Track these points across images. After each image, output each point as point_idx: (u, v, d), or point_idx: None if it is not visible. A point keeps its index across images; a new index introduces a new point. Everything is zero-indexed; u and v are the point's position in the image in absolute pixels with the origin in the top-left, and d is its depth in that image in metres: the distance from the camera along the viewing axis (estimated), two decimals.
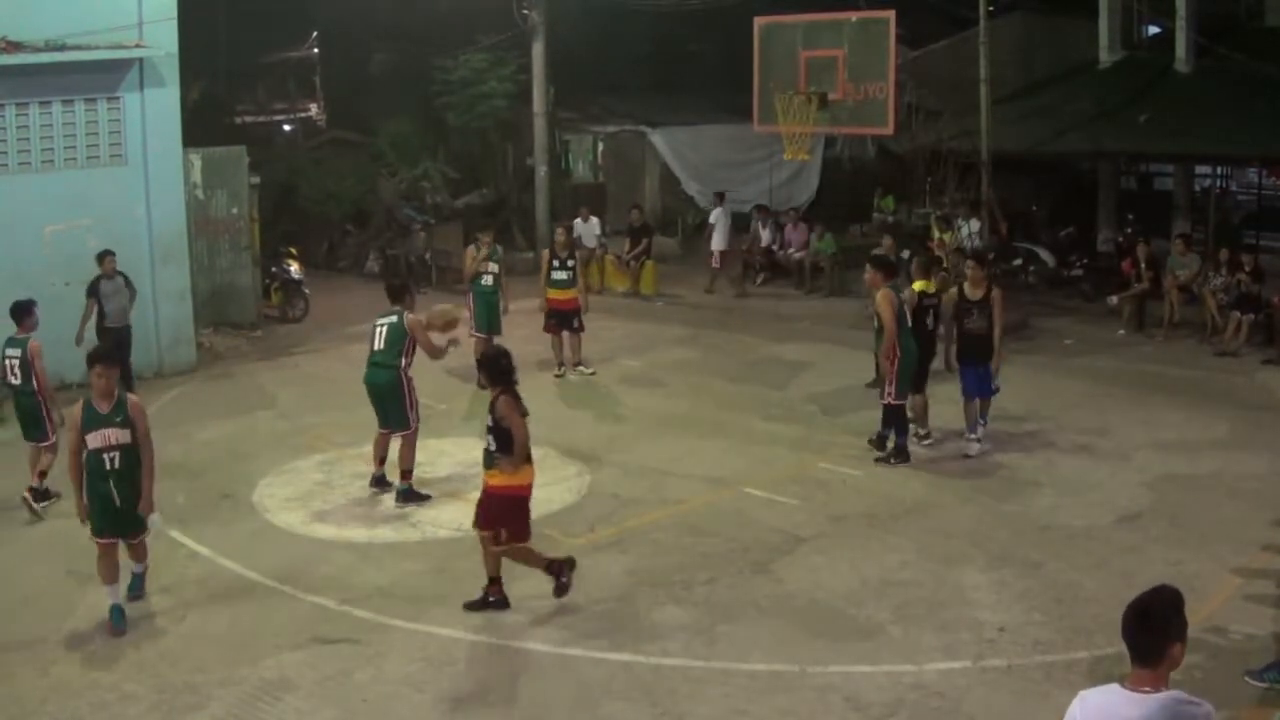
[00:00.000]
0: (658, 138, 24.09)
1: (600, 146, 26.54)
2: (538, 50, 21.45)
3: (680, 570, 8.59)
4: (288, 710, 6.73)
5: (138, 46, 13.78)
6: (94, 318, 12.95)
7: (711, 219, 20.39)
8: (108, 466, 7.63)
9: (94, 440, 7.61)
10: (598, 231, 19.87)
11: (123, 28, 13.64)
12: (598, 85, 24.46)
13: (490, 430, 7.63)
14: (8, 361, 10.07)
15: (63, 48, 13.23)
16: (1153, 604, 3.83)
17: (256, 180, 17.17)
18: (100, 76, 13.70)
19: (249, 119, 26.88)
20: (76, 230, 13.47)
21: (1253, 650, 7.15)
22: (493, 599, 7.85)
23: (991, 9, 17.14)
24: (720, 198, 20.42)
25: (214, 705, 6.78)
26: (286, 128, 27.91)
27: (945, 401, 11.81)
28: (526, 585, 8.36)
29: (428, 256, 20.56)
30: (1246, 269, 15.48)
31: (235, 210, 16.75)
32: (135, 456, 7.72)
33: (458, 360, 13.91)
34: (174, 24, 14.03)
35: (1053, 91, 20.85)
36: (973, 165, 16.44)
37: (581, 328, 14.23)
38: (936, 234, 18.64)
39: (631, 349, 15.63)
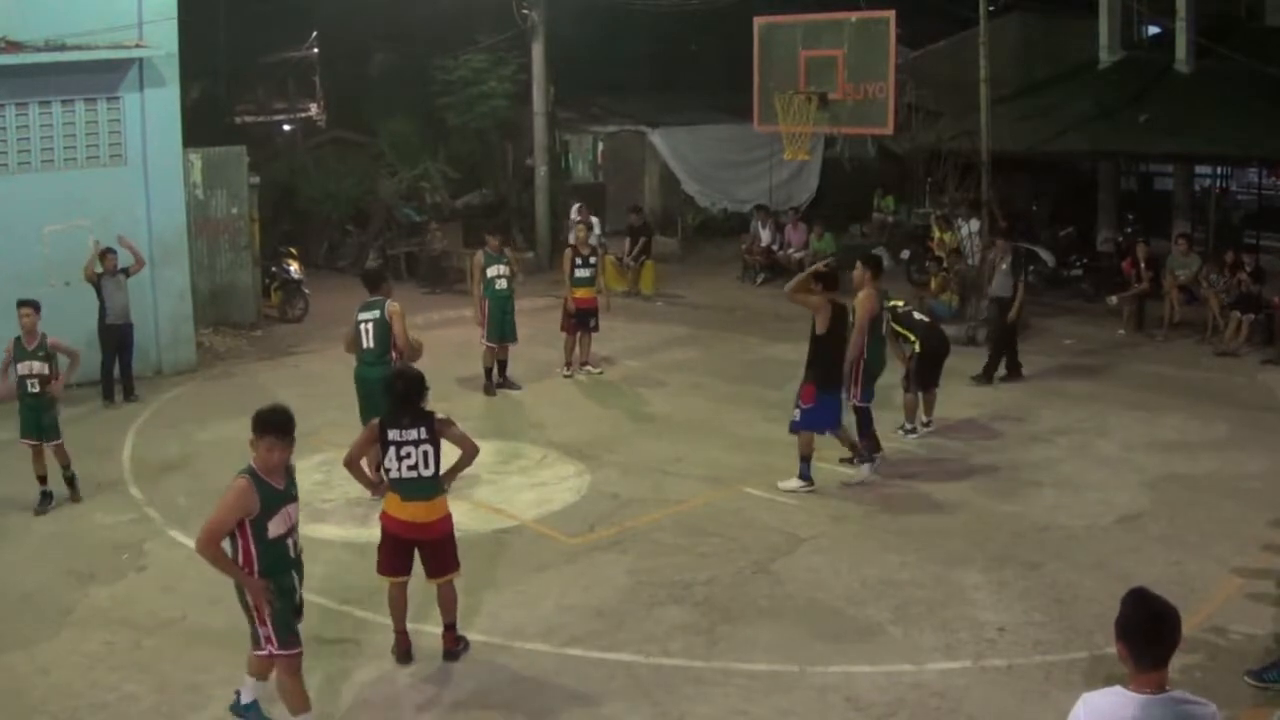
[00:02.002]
0: (658, 138, 24.10)
1: (600, 146, 26.54)
2: (538, 50, 21.46)
3: (680, 570, 8.58)
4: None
5: (138, 46, 13.77)
6: (97, 314, 13.00)
7: (574, 215, 20.39)
8: (292, 553, 6.16)
9: (279, 525, 6.03)
10: (598, 231, 19.85)
11: (123, 28, 13.64)
12: (598, 85, 24.47)
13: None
14: None
15: (63, 48, 13.22)
16: (1166, 609, 3.84)
17: (256, 180, 17.16)
18: (100, 76, 13.70)
19: (249, 119, 26.87)
20: (76, 230, 13.47)
21: (1253, 650, 7.15)
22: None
23: (991, 9, 17.14)
24: (578, 193, 20.46)
25: (214, 705, 6.78)
26: (286, 128, 27.89)
27: (948, 401, 11.84)
28: (527, 585, 8.37)
29: (436, 252, 20.42)
30: (1248, 269, 15.48)
31: (235, 210, 16.74)
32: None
33: (462, 365, 13.97)
34: (174, 24, 14.02)
35: (1053, 91, 20.84)
36: (973, 165, 16.43)
37: (596, 328, 14.24)
38: (937, 234, 18.67)
39: (631, 349, 15.64)
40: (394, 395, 7.17)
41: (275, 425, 5.99)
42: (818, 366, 9.99)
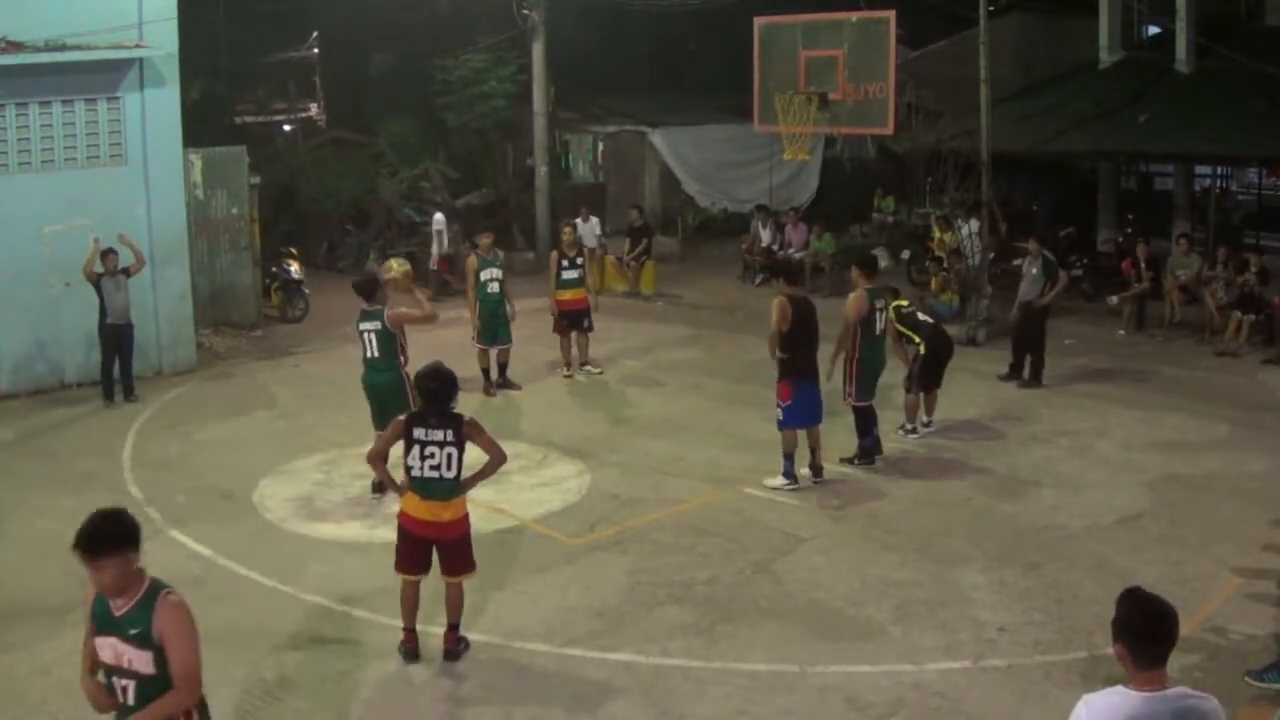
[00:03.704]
0: (658, 138, 24.10)
1: (600, 146, 26.55)
2: (538, 50, 21.46)
3: (680, 570, 8.59)
4: (287, 710, 6.73)
5: (138, 46, 13.77)
6: (98, 313, 13.00)
7: (435, 225, 20.12)
8: (122, 698, 4.69)
9: (102, 652, 4.64)
10: (598, 231, 19.87)
11: (123, 28, 13.64)
12: (598, 85, 24.47)
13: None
14: None
15: (63, 48, 13.22)
16: (1164, 608, 3.84)
17: (256, 180, 17.16)
18: (100, 76, 13.70)
19: (249, 119, 26.85)
20: (76, 230, 13.46)
21: (1253, 650, 7.15)
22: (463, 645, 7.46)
23: (991, 9, 17.14)
24: (437, 205, 20.31)
25: (214, 705, 6.75)
26: (286, 128, 27.88)
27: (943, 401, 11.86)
28: (527, 585, 8.37)
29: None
30: (1253, 269, 15.44)
31: (235, 210, 16.74)
32: (162, 686, 4.66)
33: (461, 365, 13.93)
34: (174, 24, 14.02)
35: (1053, 91, 20.86)
36: (973, 165, 16.43)
37: (590, 327, 14.24)
38: (937, 234, 18.67)
39: (632, 349, 15.64)
40: (426, 394, 7.18)
41: (82, 541, 4.49)
42: (787, 361, 10.01)
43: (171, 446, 11.84)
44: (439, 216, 20.00)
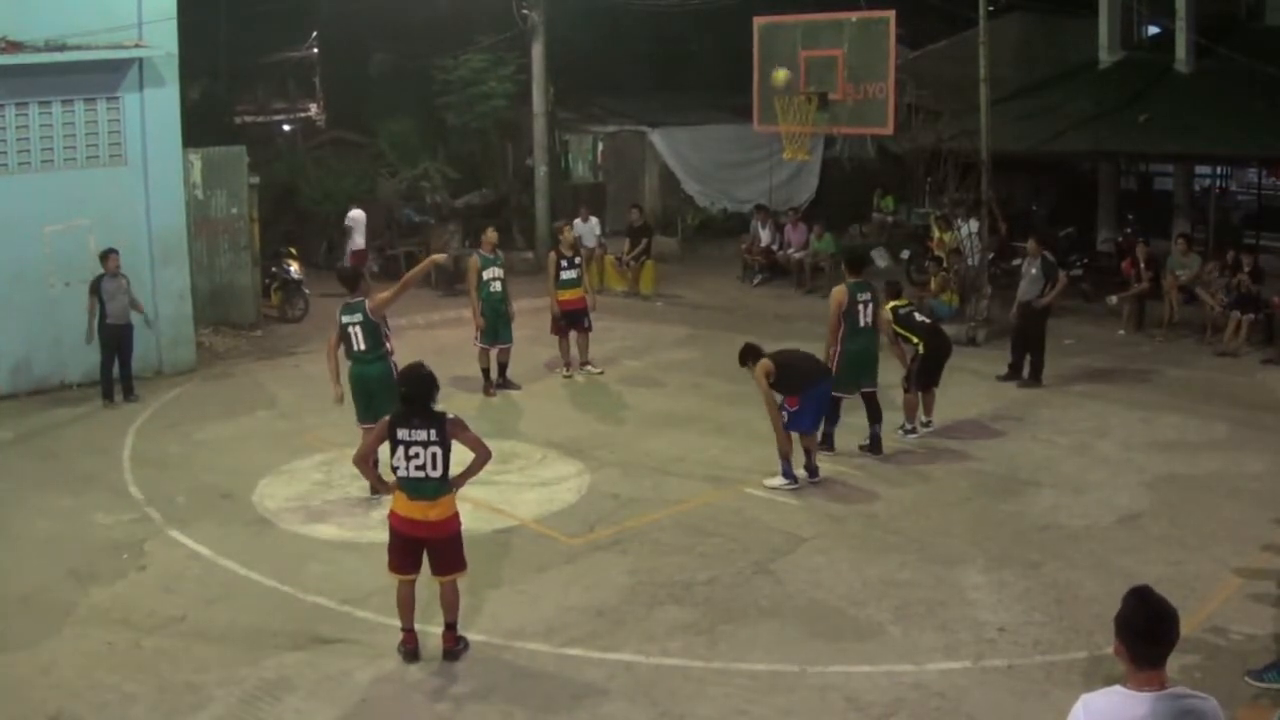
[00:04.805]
0: (658, 138, 24.10)
1: (600, 146, 26.55)
2: (538, 50, 21.46)
3: (680, 570, 8.59)
4: (288, 710, 6.73)
5: (138, 46, 13.77)
6: (96, 315, 13.00)
7: (348, 221, 19.83)
8: None
9: None
10: (597, 231, 19.88)
11: (123, 28, 13.64)
12: (598, 85, 24.47)
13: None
14: None
15: (63, 48, 13.22)
16: (1166, 609, 3.84)
17: (256, 180, 17.16)
18: (100, 76, 13.69)
19: (249, 119, 26.87)
20: (76, 230, 13.46)
21: (1253, 650, 7.15)
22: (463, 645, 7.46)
23: (991, 9, 17.14)
24: (353, 202, 20.26)
25: (214, 705, 6.78)
26: (286, 128, 27.90)
27: (943, 401, 11.85)
28: (527, 585, 8.37)
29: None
30: (1246, 269, 15.46)
31: (235, 210, 16.74)
32: None
33: (460, 365, 13.97)
34: (174, 24, 14.02)
35: (1053, 91, 20.84)
36: (973, 165, 16.43)
37: (590, 326, 14.24)
38: (937, 234, 18.67)
39: (632, 349, 15.64)
40: (400, 398, 7.23)
41: None
42: (785, 383, 10.17)
43: (171, 446, 11.84)
44: (355, 212, 19.82)
